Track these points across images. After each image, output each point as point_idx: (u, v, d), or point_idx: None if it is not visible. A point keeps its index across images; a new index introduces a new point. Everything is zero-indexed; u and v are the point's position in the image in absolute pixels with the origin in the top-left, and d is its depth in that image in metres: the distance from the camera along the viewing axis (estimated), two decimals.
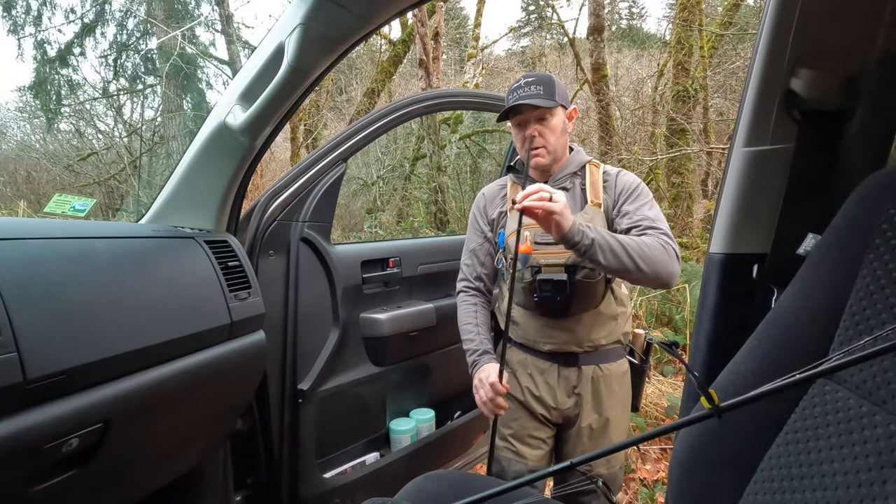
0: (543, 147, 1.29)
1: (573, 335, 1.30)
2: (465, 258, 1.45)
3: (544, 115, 1.28)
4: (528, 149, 1.28)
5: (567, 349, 1.31)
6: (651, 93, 7.77)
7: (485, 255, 1.41)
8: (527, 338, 1.35)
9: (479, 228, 1.42)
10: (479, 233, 1.42)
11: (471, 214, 1.46)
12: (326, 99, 8.63)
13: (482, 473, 1.63)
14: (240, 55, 6.78)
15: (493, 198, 1.42)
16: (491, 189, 1.45)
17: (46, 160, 8.49)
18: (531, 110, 1.27)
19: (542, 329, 1.32)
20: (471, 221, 1.45)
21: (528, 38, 17.43)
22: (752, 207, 0.84)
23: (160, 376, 0.93)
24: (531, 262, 1.26)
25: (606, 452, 0.56)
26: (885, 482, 0.46)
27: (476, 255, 1.42)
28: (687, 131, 5.72)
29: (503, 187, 1.42)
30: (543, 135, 1.28)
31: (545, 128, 1.28)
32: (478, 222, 1.43)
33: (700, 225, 5.76)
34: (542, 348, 1.33)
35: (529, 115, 1.28)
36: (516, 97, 1.27)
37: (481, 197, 1.45)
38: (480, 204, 1.44)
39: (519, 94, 1.27)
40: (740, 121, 0.84)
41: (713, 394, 0.47)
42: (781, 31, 0.75)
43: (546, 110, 1.27)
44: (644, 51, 11.87)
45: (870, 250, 0.55)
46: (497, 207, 1.40)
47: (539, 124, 1.28)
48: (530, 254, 1.25)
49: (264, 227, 1.35)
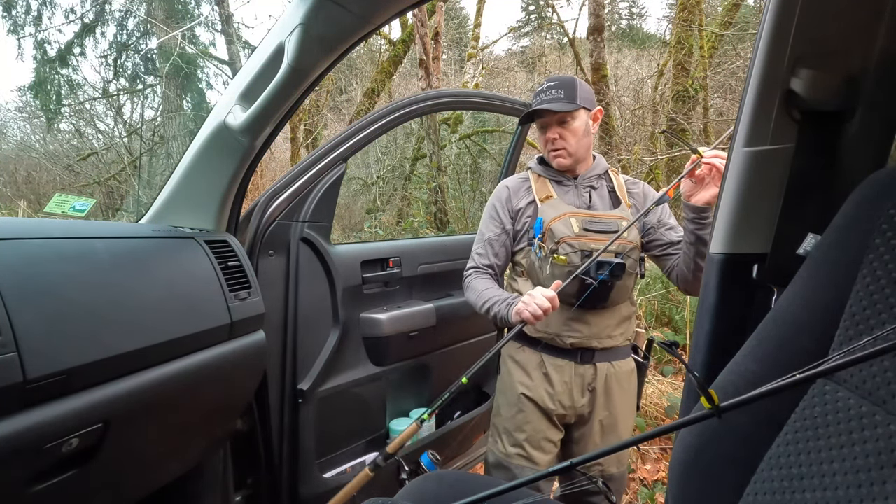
0: (564, 149, 1.35)
1: (596, 330, 1.33)
2: (477, 247, 1.45)
3: (564, 118, 1.34)
4: (549, 150, 1.37)
5: (588, 344, 1.33)
6: (651, 93, 7.77)
7: (500, 246, 1.42)
8: (548, 331, 1.34)
9: (499, 219, 1.42)
10: (497, 223, 1.42)
11: (489, 206, 1.46)
12: (326, 99, 8.63)
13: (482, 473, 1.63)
14: (240, 55, 6.78)
15: (517, 189, 1.43)
16: (514, 181, 1.46)
17: (46, 160, 8.49)
18: (552, 114, 1.33)
19: (567, 322, 1.32)
20: (489, 212, 1.45)
21: (528, 38, 17.43)
22: (752, 207, 0.84)
23: (160, 376, 0.93)
24: (582, 246, 1.26)
25: (606, 452, 0.56)
26: (885, 482, 0.46)
27: (491, 245, 1.42)
28: (687, 131, 5.72)
29: (526, 179, 1.45)
30: (564, 137, 1.34)
31: (566, 130, 1.34)
32: (498, 213, 1.43)
33: None
34: (564, 342, 1.33)
35: (551, 119, 1.35)
36: (538, 101, 1.34)
37: (504, 189, 1.45)
38: (503, 195, 1.44)
39: (541, 98, 1.34)
40: (740, 121, 0.84)
41: (713, 394, 0.47)
42: (781, 31, 0.75)
43: (566, 114, 1.33)
44: (644, 51, 11.87)
45: (870, 250, 0.55)
46: (523, 198, 1.41)
47: (560, 127, 1.34)
48: (580, 240, 1.27)
49: (264, 227, 1.35)
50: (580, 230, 1.27)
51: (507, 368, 1.44)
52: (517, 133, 1.94)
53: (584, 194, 1.39)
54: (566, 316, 1.33)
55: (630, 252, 1.30)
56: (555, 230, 1.28)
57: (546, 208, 1.34)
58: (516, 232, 1.41)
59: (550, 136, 1.35)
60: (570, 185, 1.40)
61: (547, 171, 1.43)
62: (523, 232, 1.40)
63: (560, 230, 1.27)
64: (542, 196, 1.37)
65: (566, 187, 1.40)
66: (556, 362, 1.35)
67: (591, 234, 1.28)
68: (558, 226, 1.28)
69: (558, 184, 1.40)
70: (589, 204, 1.38)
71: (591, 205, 1.38)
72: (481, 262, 1.43)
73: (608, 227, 1.29)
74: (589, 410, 1.36)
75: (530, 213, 1.39)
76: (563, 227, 1.27)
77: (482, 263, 1.43)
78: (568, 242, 1.26)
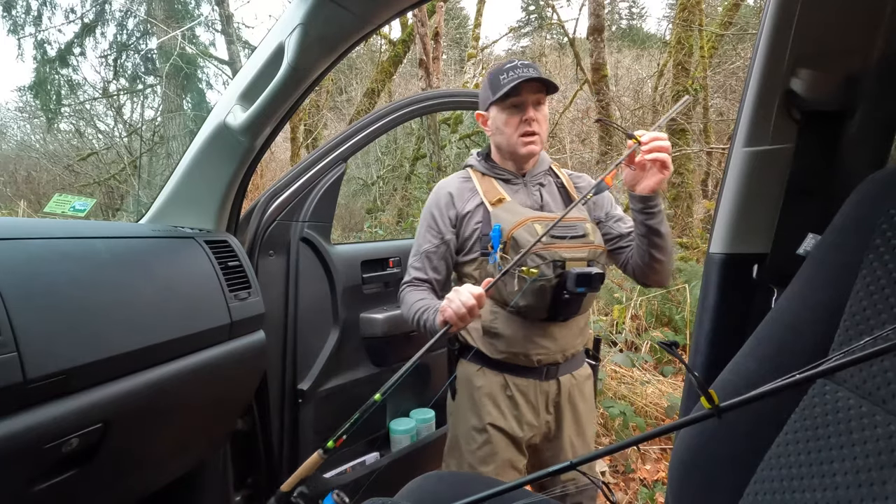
0: (539, 134, 1.19)
1: (563, 343, 1.22)
2: (413, 261, 1.27)
3: (542, 99, 1.18)
4: (520, 135, 1.18)
5: (553, 359, 1.21)
6: (651, 93, 7.77)
7: (439, 259, 1.25)
8: (511, 350, 1.19)
9: (437, 229, 1.24)
10: (435, 233, 1.24)
11: (426, 213, 1.27)
12: (326, 99, 8.63)
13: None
14: (240, 55, 6.79)
15: (460, 192, 1.25)
16: (454, 183, 1.27)
17: (46, 160, 8.49)
18: (530, 92, 1.16)
19: (533, 339, 1.19)
20: (426, 221, 1.26)
21: (528, 38, 17.42)
22: (752, 207, 0.84)
23: (160, 376, 0.93)
24: (552, 256, 1.12)
25: (606, 452, 0.56)
26: (885, 482, 0.46)
27: (429, 259, 1.25)
28: (687, 131, 5.72)
29: (468, 179, 1.27)
30: (539, 121, 1.19)
31: (540, 114, 1.19)
32: (436, 222, 1.24)
33: (700, 225, 5.76)
34: (529, 361, 1.20)
35: (527, 98, 1.17)
36: (514, 76, 1.14)
37: (444, 193, 1.26)
38: (442, 201, 1.25)
39: (517, 73, 1.15)
40: (740, 121, 0.84)
41: (713, 394, 0.47)
42: (781, 31, 0.75)
43: (543, 94, 1.18)
44: (644, 51, 11.86)
45: (870, 250, 0.55)
46: (469, 201, 1.23)
47: (536, 110, 1.18)
48: (549, 250, 1.12)
49: (264, 227, 1.35)
50: (547, 238, 1.11)
51: (465, 395, 1.26)
52: None
53: (534, 193, 1.25)
54: (529, 332, 1.19)
55: (599, 257, 1.19)
56: (519, 239, 1.12)
57: (502, 213, 1.17)
58: (463, 241, 1.23)
59: (529, 117, 1.17)
60: (519, 183, 1.25)
61: (492, 169, 1.26)
62: (473, 241, 1.22)
63: (525, 239, 1.11)
64: (493, 199, 1.21)
65: (515, 186, 1.25)
66: (520, 383, 1.21)
67: (559, 241, 1.14)
68: (522, 234, 1.12)
69: (506, 183, 1.25)
70: (541, 203, 1.24)
71: (543, 204, 1.24)
72: (417, 277, 1.26)
73: (574, 231, 1.16)
74: (555, 427, 1.26)
75: (479, 218, 1.21)
76: (527, 236, 1.12)
77: (418, 278, 1.26)
78: (536, 253, 1.11)
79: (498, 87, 1.16)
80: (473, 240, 1.22)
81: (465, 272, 1.26)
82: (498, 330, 1.20)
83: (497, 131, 1.23)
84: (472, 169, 1.29)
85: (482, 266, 1.21)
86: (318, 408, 1.48)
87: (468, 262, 1.24)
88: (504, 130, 1.21)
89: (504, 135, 1.21)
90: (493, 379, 1.23)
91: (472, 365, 1.25)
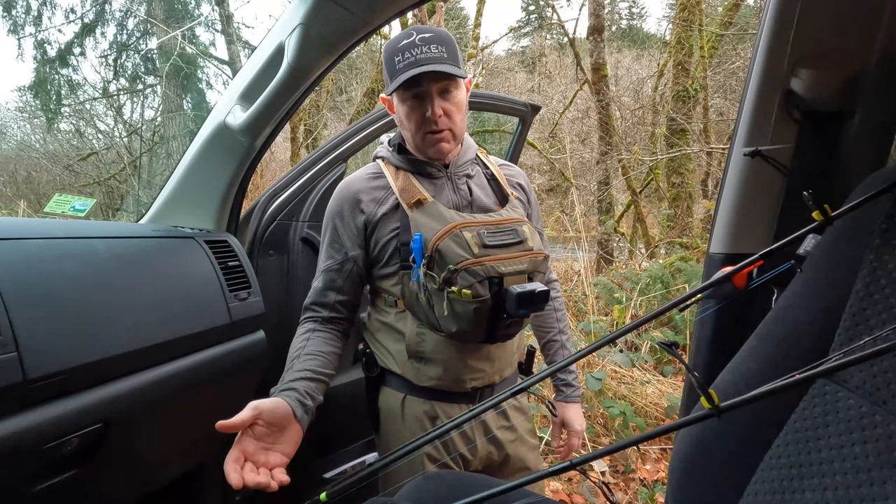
0: (449, 129, 0.98)
1: (500, 364, 1.06)
2: (316, 282, 1.06)
3: (448, 87, 0.96)
4: (426, 132, 0.97)
5: (489, 380, 1.05)
6: (651, 93, 7.77)
7: (344, 279, 1.03)
8: (446, 377, 1.01)
9: (340, 242, 1.03)
10: (338, 248, 1.03)
11: (328, 222, 1.05)
12: (326, 99, 8.62)
13: None
14: (240, 55, 6.79)
15: (367, 192, 1.02)
16: (360, 181, 1.04)
17: (46, 160, 8.50)
18: (432, 80, 0.94)
19: (465, 362, 1.01)
20: (329, 233, 1.05)
21: (528, 38, 17.45)
22: (752, 207, 0.84)
23: (160, 376, 0.93)
24: (487, 272, 0.92)
25: (606, 452, 0.56)
26: (885, 482, 0.46)
27: (332, 280, 1.03)
28: (687, 131, 5.72)
29: (378, 175, 1.05)
30: (449, 114, 0.97)
31: (450, 104, 0.96)
32: (339, 236, 1.02)
33: (700, 225, 5.76)
34: (464, 387, 1.03)
35: (430, 87, 0.94)
36: (411, 60, 0.92)
37: (347, 196, 1.02)
38: (345, 206, 1.02)
39: (415, 55, 0.92)
40: (740, 121, 0.84)
41: (713, 394, 0.47)
42: (781, 31, 0.75)
43: (451, 81, 0.95)
44: (644, 51, 11.88)
45: (870, 250, 0.55)
46: (381, 204, 1.01)
47: (443, 100, 0.96)
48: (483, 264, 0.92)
49: (264, 227, 1.35)
50: (479, 248, 0.92)
51: (391, 429, 1.08)
52: (517, 133, 1.94)
53: (461, 187, 1.04)
54: (466, 355, 1.01)
55: (541, 265, 1.00)
56: (445, 253, 0.91)
57: (422, 218, 0.95)
58: (378, 252, 1.02)
59: (433, 114, 0.95)
60: (441, 176, 1.04)
61: (407, 162, 1.04)
62: (390, 252, 1.00)
63: (453, 253, 0.91)
64: (411, 199, 0.98)
65: (436, 180, 1.03)
66: (451, 410, 1.03)
67: (494, 252, 0.93)
68: (449, 246, 0.91)
69: (426, 177, 1.03)
70: (470, 199, 1.04)
71: (472, 199, 1.04)
72: (316, 303, 1.05)
73: (511, 237, 0.97)
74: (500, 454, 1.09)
75: (395, 223, 1.00)
76: (456, 248, 0.91)
77: (321, 304, 1.04)
78: (468, 270, 0.90)
79: (393, 72, 0.95)
80: (391, 251, 1.00)
81: (381, 287, 1.05)
82: (426, 354, 1.01)
83: (401, 124, 1.02)
84: (385, 161, 1.06)
85: (404, 281, 1.00)
86: (318, 408, 1.48)
87: (385, 277, 1.03)
88: (407, 126, 1.00)
89: (409, 130, 1.00)
90: (419, 406, 1.05)
91: (395, 394, 1.07)
